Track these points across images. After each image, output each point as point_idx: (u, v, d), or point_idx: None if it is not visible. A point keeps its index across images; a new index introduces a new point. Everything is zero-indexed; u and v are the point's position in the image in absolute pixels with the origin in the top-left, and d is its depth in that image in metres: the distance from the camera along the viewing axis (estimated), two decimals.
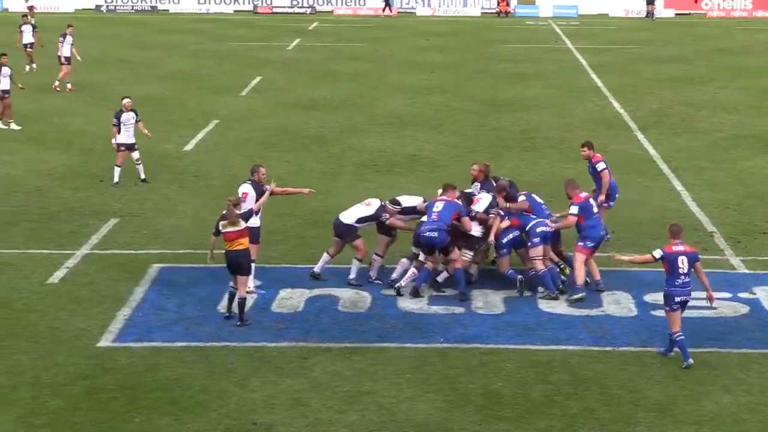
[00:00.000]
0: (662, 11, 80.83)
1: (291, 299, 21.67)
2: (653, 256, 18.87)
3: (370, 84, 48.97)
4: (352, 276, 22.69)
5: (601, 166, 24.88)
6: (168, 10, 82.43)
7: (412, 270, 22.02)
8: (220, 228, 20.59)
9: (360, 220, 22.76)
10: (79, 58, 47.11)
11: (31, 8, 73.47)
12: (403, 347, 19.40)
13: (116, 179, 30.16)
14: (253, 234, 21.53)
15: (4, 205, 28.36)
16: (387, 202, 23.14)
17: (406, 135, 37.67)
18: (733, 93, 46.74)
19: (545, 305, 21.39)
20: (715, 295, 21.76)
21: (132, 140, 30.49)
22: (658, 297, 21.57)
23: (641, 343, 19.61)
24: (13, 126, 37.95)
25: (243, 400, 17.30)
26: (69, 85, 46.03)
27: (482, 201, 22.59)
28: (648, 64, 55.67)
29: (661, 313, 20.82)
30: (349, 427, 16.42)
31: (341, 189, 30.25)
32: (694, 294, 21.59)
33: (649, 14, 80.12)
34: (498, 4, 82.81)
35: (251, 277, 21.58)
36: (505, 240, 22.18)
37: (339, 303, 21.49)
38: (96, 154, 34.21)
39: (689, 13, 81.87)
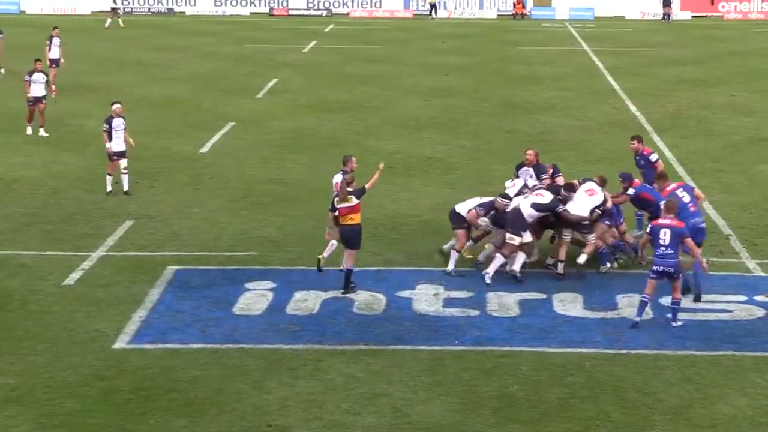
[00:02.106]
0: (679, 13, 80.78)
1: (306, 301, 21.68)
2: (646, 232, 20.21)
3: (386, 86, 49.01)
4: (450, 268, 23.23)
5: (654, 156, 25.66)
6: (184, 12, 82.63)
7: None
8: (335, 204, 22.29)
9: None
10: (63, 60, 46.51)
11: (114, 10, 74.22)
12: (417, 349, 19.40)
13: (109, 188, 29.58)
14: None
15: (21, 207, 28.43)
16: (498, 197, 23.71)
17: (421, 137, 37.68)
18: (750, 96, 46.68)
19: (561, 308, 21.39)
20: (731, 297, 21.88)
21: (123, 147, 29.79)
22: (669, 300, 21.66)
23: (657, 346, 19.57)
24: (42, 133, 37.34)
25: (258, 402, 17.32)
26: (53, 86, 45.34)
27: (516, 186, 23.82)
28: (664, 67, 55.64)
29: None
30: (364, 429, 16.44)
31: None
32: (708, 298, 21.78)
33: (666, 16, 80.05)
34: (514, 6, 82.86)
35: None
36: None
37: (354, 305, 21.49)
38: None
39: (706, 16, 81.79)
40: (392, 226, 26.87)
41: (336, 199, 22.41)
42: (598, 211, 22.85)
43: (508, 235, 22.66)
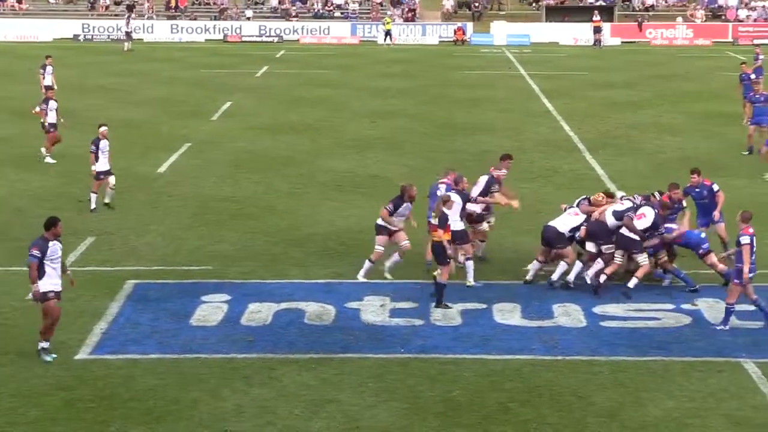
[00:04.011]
0: (609, 39, 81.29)
1: (260, 313, 21.61)
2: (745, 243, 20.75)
3: (334, 108, 49.01)
4: (558, 277, 23.24)
5: (716, 186, 25.45)
6: (143, 39, 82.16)
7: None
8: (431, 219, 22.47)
9: (572, 230, 23.43)
10: (55, 87, 46.32)
11: (128, 34, 74.60)
12: (365, 358, 19.39)
13: (93, 205, 29.62)
14: (458, 235, 22.90)
15: None
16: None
17: (368, 156, 37.71)
18: (676, 116, 47.04)
19: (500, 317, 21.44)
20: (660, 306, 22.04)
21: (108, 167, 29.99)
22: (606, 309, 21.81)
23: (590, 353, 19.66)
24: (48, 159, 36.56)
25: (214, 409, 17.24)
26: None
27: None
28: (596, 90, 55.97)
29: (608, 324, 21.01)
30: None
31: (307, 208, 30.25)
32: (637, 306, 21.94)
33: (597, 42, 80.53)
34: (455, 32, 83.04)
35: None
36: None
37: (305, 316, 21.44)
38: (74, 176, 34.04)
39: (634, 42, 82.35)
40: (341, 242, 26.87)
41: (433, 213, 22.59)
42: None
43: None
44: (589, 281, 22.73)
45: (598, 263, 22.84)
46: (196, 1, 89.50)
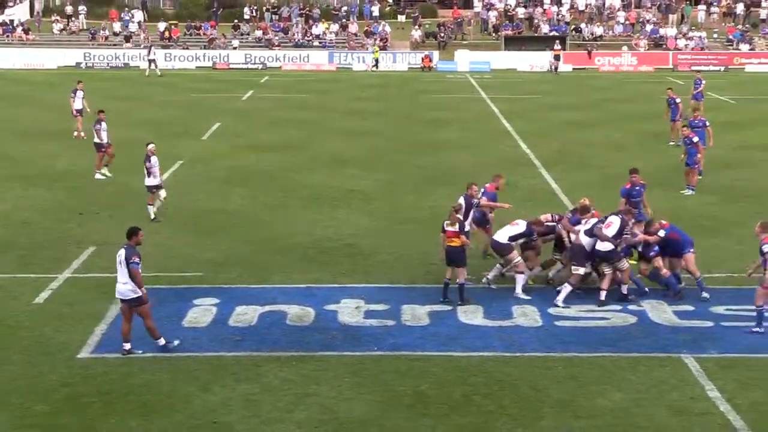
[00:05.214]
0: (562, 66, 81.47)
1: (246, 314, 21.57)
2: None
3: (314, 129, 48.92)
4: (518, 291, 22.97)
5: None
6: (138, 66, 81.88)
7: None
8: (445, 227, 22.11)
9: (511, 238, 23.23)
10: (88, 109, 45.85)
11: (151, 61, 74.77)
12: (342, 355, 19.37)
13: (152, 216, 29.62)
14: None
15: None
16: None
17: (344, 172, 37.67)
18: (623, 135, 47.12)
19: (464, 318, 21.45)
20: (608, 306, 22.07)
21: (158, 181, 29.93)
22: (560, 310, 21.81)
23: (546, 349, 19.70)
24: (106, 173, 36.41)
25: (205, 403, 17.20)
26: (82, 133, 44.70)
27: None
28: (550, 111, 56.06)
29: (562, 323, 21.06)
30: (297, 424, 16.37)
31: (288, 219, 30.20)
32: (589, 307, 21.99)
33: (554, 68, 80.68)
34: (422, 60, 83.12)
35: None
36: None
37: (287, 317, 21.40)
38: (77, 191, 33.94)
39: (584, 68, 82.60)
40: (320, 250, 26.83)
41: (446, 222, 22.26)
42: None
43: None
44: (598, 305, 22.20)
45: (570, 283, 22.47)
46: (188, 32, 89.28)
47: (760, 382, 18.19)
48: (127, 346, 19.20)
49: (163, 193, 30.06)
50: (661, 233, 23.08)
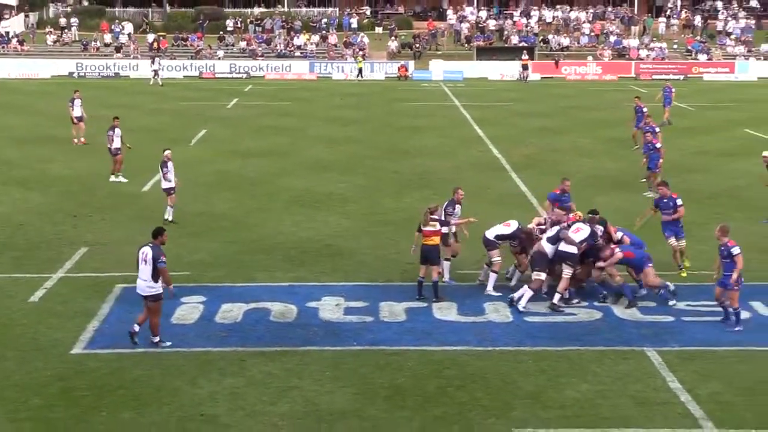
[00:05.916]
0: (530, 75, 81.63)
1: (231, 312, 21.52)
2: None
3: (295, 136, 48.87)
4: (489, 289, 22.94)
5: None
6: (129, 76, 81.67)
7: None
8: (422, 227, 22.14)
9: (498, 237, 23.08)
10: (85, 116, 45.69)
11: (155, 72, 74.36)
12: (323, 350, 19.34)
13: (170, 217, 29.60)
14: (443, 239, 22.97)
15: None
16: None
17: (325, 177, 37.64)
18: (589, 141, 47.29)
19: (439, 314, 21.46)
20: (576, 304, 22.07)
21: (173, 184, 29.87)
22: (528, 306, 21.81)
23: (516, 344, 19.72)
24: (122, 178, 36.36)
25: (192, 396, 17.15)
26: (82, 139, 44.55)
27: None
28: (520, 118, 56.17)
29: (531, 319, 21.08)
30: (280, 416, 16.34)
31: (272, 221, 30.17)
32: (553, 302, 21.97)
33: (523, 78, 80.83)
34: (398, 69, 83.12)
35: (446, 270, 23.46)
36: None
37: (271, 314, 21.37)
38: (70, 195, 33.80)
39: (552, 77, 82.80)
40: (302, 250, 26.80)
41: (422, 222, 22.28)
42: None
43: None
44: (551, 308, 21.85)
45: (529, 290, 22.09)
46: (175, 43, 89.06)
47: (717, 374, 18.27)
48: (155, 339, 19.30)
49: (174, 196, 30.01)
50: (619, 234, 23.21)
